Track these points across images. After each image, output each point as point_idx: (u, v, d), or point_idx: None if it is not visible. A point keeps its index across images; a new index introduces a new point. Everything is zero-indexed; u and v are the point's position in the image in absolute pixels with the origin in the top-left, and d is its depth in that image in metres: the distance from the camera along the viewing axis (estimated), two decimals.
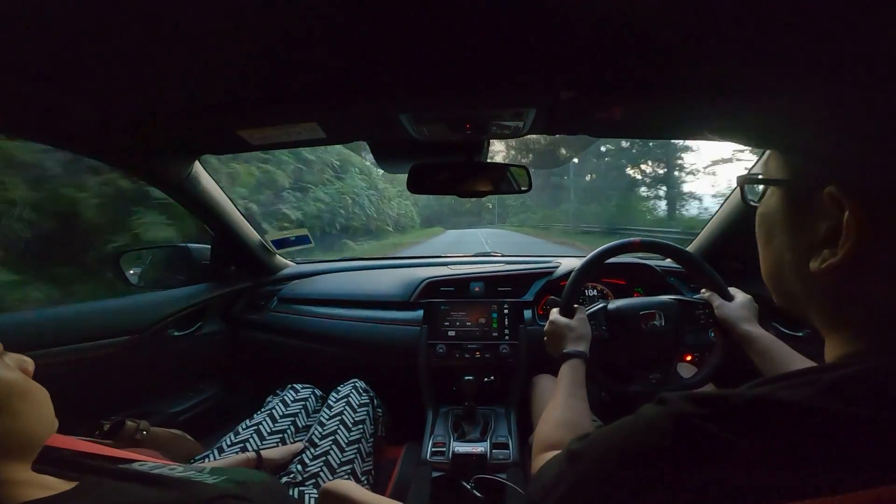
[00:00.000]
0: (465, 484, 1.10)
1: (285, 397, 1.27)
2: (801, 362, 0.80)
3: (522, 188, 1.15)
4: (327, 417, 1.17)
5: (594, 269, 1.06)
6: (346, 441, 1.10)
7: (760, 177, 0.45)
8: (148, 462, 0.67)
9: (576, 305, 1.01)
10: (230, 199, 1.44)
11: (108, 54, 0.58)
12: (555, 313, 1.01)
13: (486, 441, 1.23)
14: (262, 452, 1.03)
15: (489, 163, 1.14)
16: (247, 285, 1.69)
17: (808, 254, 0.37)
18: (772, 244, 0.43)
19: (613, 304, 1.07)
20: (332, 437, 1.10)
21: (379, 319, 1.54)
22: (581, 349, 0.90)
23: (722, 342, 0.99)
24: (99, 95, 0.71)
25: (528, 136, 1.00)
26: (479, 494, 1.07)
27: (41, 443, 0.51)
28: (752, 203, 0.48)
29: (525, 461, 1.19)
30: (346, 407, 1.19)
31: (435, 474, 1.15)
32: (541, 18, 0.51)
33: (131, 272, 1.51)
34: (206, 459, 1.05)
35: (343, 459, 1.06)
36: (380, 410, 1.27)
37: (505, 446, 1.22)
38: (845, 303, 0.35)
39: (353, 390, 1.26)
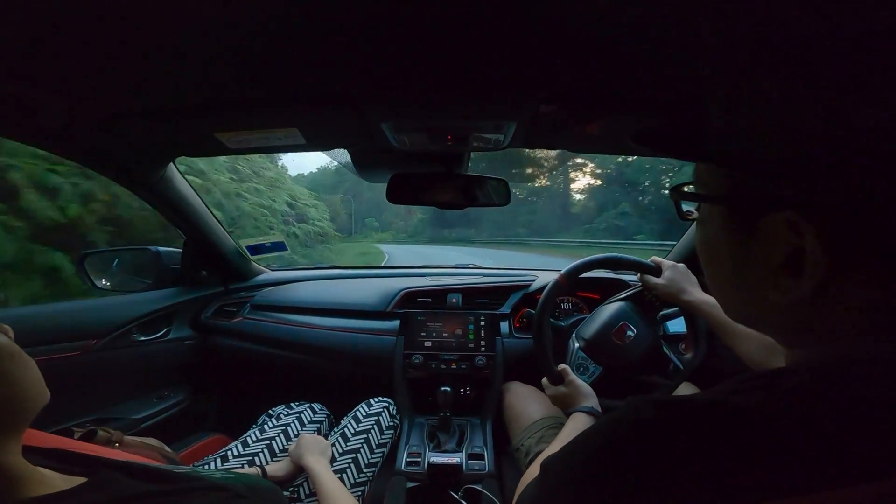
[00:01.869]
0: (453, 494, 1.09)
1: (302, 416, 1.23)
2: None
3: (501, 201, 1.16)
4: (352, 432, 1.12)
5: (546, 327, 1.09)
6: (366, 462, 1.07)
7: (695, 191, 0.40)
8: (146, 461, 0.64)
9: (561, 366, 1.03)
10: (204, 203, 1.41)
11: (79, 50, 0.56)
12: (548, 386, 1.03)
13: (461, 452, 1.23)
14: (266, 468, 0.99)
15: (469, 175, 1.15)
16: (218, 291, 1.65)
17: (762, 282, 0.34)
18: (715, 264, 0.39)
19: (582, 341, 1.12)
20: (353, 456, 1.06)
21: (354, 329, 1.52)
22: (588, 405, 0.92)
23: (689, 315, 1.04)
24: (69, 92, 0.69)
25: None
26: None
27: (35, 412, 0.47)
28: (689, 217, 0.44)
29: (501, 472, 1.19)
30: (375, 426, 1.16)
31: (410, 485, 1.14)
32: (522, 32, 0.52)
33: (96, 274, 1.46)
34: (207, 467, 1.01)
35: (358, 480, 1.03)
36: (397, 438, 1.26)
37: (480, 457, 1.22)
38: (803, 323, 0.33)
39: (384, 410, 1.22)
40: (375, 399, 1.27)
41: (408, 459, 1.20)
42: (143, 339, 1.38)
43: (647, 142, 0.43)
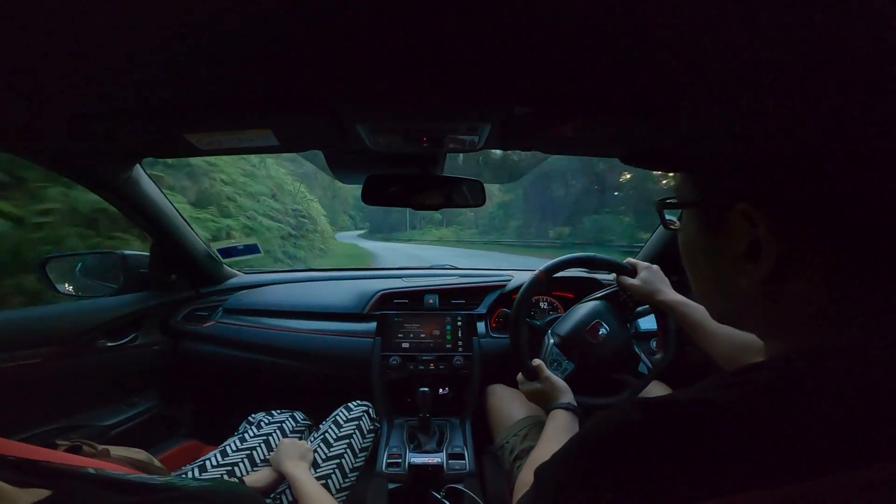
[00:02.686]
0: (435, 494, 1.10)
1: (283, 425, 1.20)
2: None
3: (476, 202, 1.17)
4: (335, 438, 1.11)
5: (522, 323, 1.10)
6: (351, 467, 1.06)
7: (674, 201, 0.45)
8: (123, 472, 0.60)
9: (535, 362, 1.04)
10: (172, 205, 1.37)
11: (39, 48, 0.54)
12: (523, 382, 1.04)
13: (441, 452, 1.23)
14: (245, 479, 0.97)
15: (444, 176, 1.15)
16: (188, 295, 1.61)
17: (732, 271, 0.38)
18: (696, 266, 0.43)
19: (557, 337, 1.13)
20: (338, 461, 1.05)
21: (331, 331, 1.51)
22: (565, 401, 0.93)
23: (661, 315, 1.06)
24: (30, 92, 0.66)
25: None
26: (448, 503, 1.08)
27: None
28: (672, 227, 0.49)
29: (481, 471, 1.20)
30: (357, 431, 1.15)
31: (391, 486, 1.14)
32: (497, 33, 0.53)
33: (59, 279, 1.40)
34: (185, 476, 0.99)
35: (343, 485, 1.02)
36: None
37: (461, 457, 1.22)
38: (775, 311, 0.37)
39: (364, 414, 1.21)
40: (354, 403, 1.26)
41: (388, 461, 1.20)
42: (109, 344, 1.33)
43: (636, 161, 0.47)
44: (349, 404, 1.25)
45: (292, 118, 0.80)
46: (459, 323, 1.48)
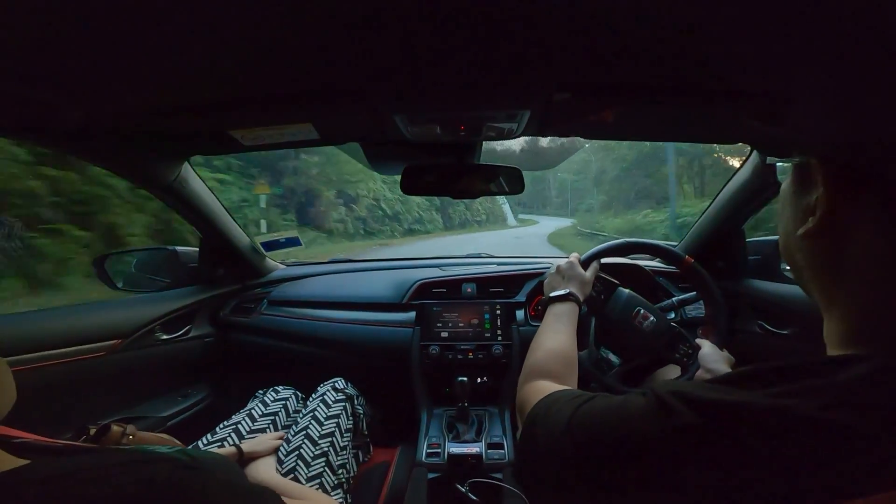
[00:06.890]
0: (459, 487, 1.10)
1: (265, 398, 1.27)
2: None
3: (515, 189, 1.16)
4: (302, 416, 1.17)
5: (628, 251, 1.15)
6: (319, 434, 1.10)
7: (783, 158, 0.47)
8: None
9: (589, 272, 1.02)
10: (219, 202, 1.43)
11: (93, 52, 0.57)
12: (574, 259, 1.03)
13: (480, 441, 1.24)
14: (242, 445, 1.03)
15: (482, 164, 1.15)
16: (235, 288, 1.67)
17: (797, 222, 0.39)
18: (782, 217, 0.44)
19: (626, 290, 1.12)
20: (304, 432, 1.10)
21: (371, 321, 1.53)
22: (577, 293, 0.92)
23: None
24: (84, 94, 0.70)
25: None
26: (474, 497, 1.08)
27: (3, 414, 0.50)
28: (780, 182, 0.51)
29: None
30: (321, 404, 1.19)
31: (431, 476, 1.15)
32: (536, 20, 0.52)
33: (116, 275, 1.48)
34: (198, 445, 1.05)
35: (316, 453, 1.06)
36: (360, 408, 1.27)
37: (500, 446, 1.22)
38: (829, 273, 0.37)
39: (329, 389, 1.26)
40: (321, 385, 1.30)
41: (428, 451, 1.22)
42: (165, 337, 1.41)
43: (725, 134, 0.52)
44: (318, 387, 1.29)
45: (332, 111, 0.81)
46: (498, 311, 1.48)
